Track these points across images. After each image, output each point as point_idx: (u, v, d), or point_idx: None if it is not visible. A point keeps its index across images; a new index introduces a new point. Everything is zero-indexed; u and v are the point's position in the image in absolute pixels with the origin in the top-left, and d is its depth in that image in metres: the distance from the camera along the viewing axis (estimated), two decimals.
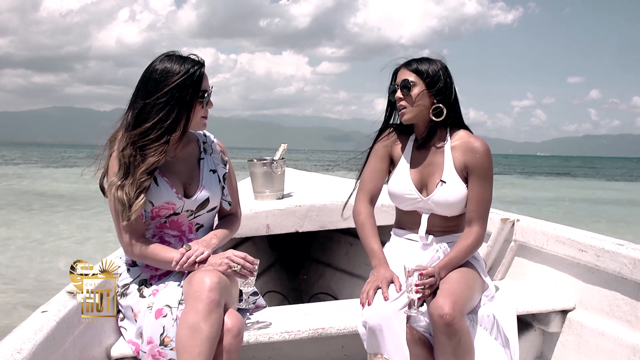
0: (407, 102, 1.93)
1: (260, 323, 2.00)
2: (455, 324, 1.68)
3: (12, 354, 1.32)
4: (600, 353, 2.08)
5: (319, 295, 3.80)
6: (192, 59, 1.84)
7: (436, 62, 1.95)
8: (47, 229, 10.05)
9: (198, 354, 1.58)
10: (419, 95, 1.92)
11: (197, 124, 1.89)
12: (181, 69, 1.80)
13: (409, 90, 1.92)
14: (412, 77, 1.93)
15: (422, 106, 1.93)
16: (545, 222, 2.54)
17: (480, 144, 1.93)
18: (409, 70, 1.94)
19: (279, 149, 3.51)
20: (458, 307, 1.71)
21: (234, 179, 2.11)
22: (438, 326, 1.70)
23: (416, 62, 1.95)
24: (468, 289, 1.82)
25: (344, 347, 2.25)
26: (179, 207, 1.90)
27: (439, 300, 1.72)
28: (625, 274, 2.02)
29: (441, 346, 1.73)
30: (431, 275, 1.76)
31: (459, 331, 1.69)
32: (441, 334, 1.70)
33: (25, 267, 7.09)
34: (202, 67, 1.84)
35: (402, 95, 1.94)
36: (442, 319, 1.68)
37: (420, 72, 1.92)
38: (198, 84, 1.82)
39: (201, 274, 1.71)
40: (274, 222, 2.99)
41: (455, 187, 1.94)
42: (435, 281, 1.77)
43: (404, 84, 1.92)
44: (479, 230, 1.93)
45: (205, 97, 1.86)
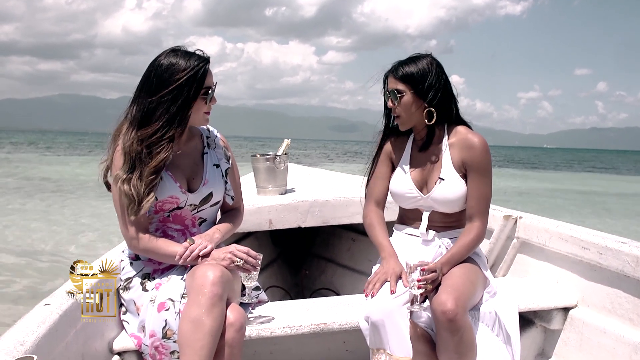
0: (398, 110, 1.95)
1: (263, 318, 2.00)
2: (458, 320, 1.69)
3: (15, 346, 1.32)
4: (601, 351, 2.08)
5: (321, 290, 3.80)
6: (198, 55, 1.84)
7: (423, 60, 1.93)
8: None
9: (200, 347, 1.59)
10: (409, 102, 1.93)
11: (199, 119, 1.90)
12: (187, 65, 1.79)
13: (398, 100, 1.93)
14: (400, 86, 1.92)
15: (415, 112, 1.94)
16: (547, 220, 2.54)
17: (478, 140, 1.93)
18: (395, 79, 1.94)
19: (282, 145, 3.50)
20: (461, 303, 1.71)
21: (237, 173, 2.12)
22: (441, 322, 1.71)
23: (403, 67, 1.93)
24: (471, 285, 1.83)
25: (346, 342, 2.25)
26: (183, 201, 1.90)
27: (442, 296, 1.72)
28: (628, 272, 2.01)
29: (444, 342, 1.73)
30: (433, 270, 1.77)
31: (461, 327, 1.70)
32: (444, 330, 1.71)
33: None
34: (207, 63, 1.84)
35: (393, 104, 1.95)
36: (445, 315, 1.68)
37: (407, 78, 1.91)
38: (202, 80, 1.82)
39: (204, 267, 1.72)
40: (276, 217, 3.00)
41: (454, 184, 1.95)
42: (437, 276, 1.78)
43: (393, 95, 1.94)
44: (480, 225, 1.93)
45: (209, 94, 1.86)
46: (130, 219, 1.81)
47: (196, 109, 1.86)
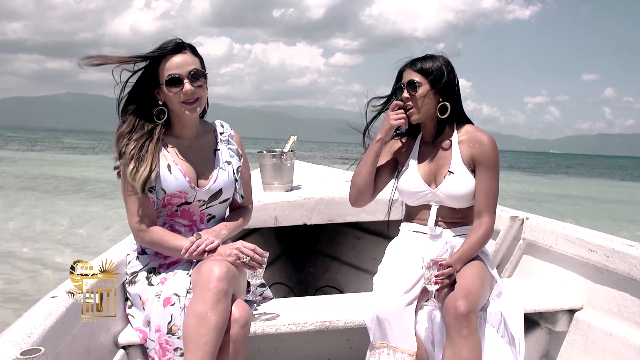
0: (413, 102, 1.98)
1: (268, 314, 2.00)
2: (470, 323, 1.70)
3: (22, 338, 1.33)
4: (607, 354, 2.07)
5: (325, 288, 3.81)
6: (162, 43, 1.84)
7: (439, 59, 1.99)
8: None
9: (205, 343, 1.59)
10: (425, 94, 1.96)
11: (178, 110, 1.87)
12: (147, 54, 1.83)
13: (415, 90, 1.96)
14: (418, 78, 1.96)
15: (429, 105, 1.97)
16: (554, 221, 2.53)
17: (486, 137, 1.97)
18: (414, 71, 1.98)
19: (289, 141, 3.51)
20: (473, 306, 1.72)
21: (247, 172, 2.11)
22: (452, 323, 1.71)
23: (420, 62, 1.99)
24: (482, 286, 1.84)
25: (350, 340, 2.26)
26: (191, 196, 1.90)
27: (456, 298, 1.73)
28: (635, 275, 2.00)
29: (452, 342, 1.73)
30: (449, 265, 1.78)
31: (471, 330, 1.71)
32: (454, 331, 1.71)
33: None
34: (166, 51, 1.82)
35: (408, 95, 1.98)
36: (458, 317, 1.69)
37: (424, 71, 1.96)
38: (155, 68, 1.83)
39: (210, 263, 1.72)
40: (282, 214, 3.00)
41: (463, 177, 1.97)
42: (453, 271, 1.80)
43: (410, 85, 1.97)
44: (488, 221, 1.96)
45: (177, 83, 1.82)
46: (131, 197, 1.83)
47: (168, 100, 1.85)
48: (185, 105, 1.85)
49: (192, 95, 1.84)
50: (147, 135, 1.84)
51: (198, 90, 1.85)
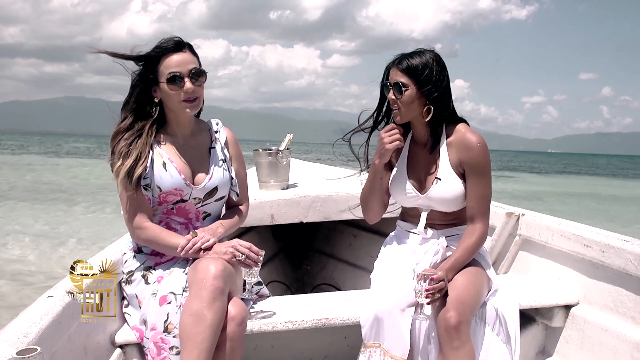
0: (399, 103, 1.91)
1: (264, 312, 2.00)
2: (461, 334, 1.69)
3: (18, 338, 1.33)
4: (603, 349, 2.07)
5: (322, 286, 3.81)
6: (161, 42, 1.85)
7: (427, 54, 1.90)
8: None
9: (201, 341, 1.59)
10: (411, 97, 1.89)
11: (178, 109, 1.88)
12: (147, 53, 1.84)
13: (401, 94, 1.89)
14: (404, 79, 1.88)
15: (415, 106, 1.91)
16: (550, 217, 2.54)
17: (476, 139, 1.90)
18: (400, 71, 1.90)
19: (285, 140, 3.50)
20: (464, 316, 1.70)
21: (243, 171, 2.10)
22: (443, 335, 1.70)
23: (407, 59, 1.90)
24: (476, 294, 1.81)
25: (347, 337, 2.26)
26: (187, 194, 1.90)
27: (447, 309, 1.71)
28: (630, 270, 2.01)
29: (443, 354, 1.72)
30: (441, 279, 1.74)
31: (463, 340, 1.70)
32: (445, 343, 1.70)
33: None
34: (167, 50, 1.83)
35: (394, 97, 1.91)
36: (448, 329, 1.68)
37: (411, 71, 1.88)
38: (154, 66, 1.84)
39: (206, 261, 1.72)
40: (278, 212, 3.00)
41: (451, 183, 1.93)
42: (444, 285, 1.75)
43: (396, 87, 1.89)
44: (481, 227, 1.91)
45: (177, 81, 1.83)
46: (132, 203, 1.83)
47: (167, 98, 1.86)
48: (186, 103, 1.86)
49: (192, 93, 1.84)
50: (138, 132, 1.85)
51: (198, 89, 1.86)
